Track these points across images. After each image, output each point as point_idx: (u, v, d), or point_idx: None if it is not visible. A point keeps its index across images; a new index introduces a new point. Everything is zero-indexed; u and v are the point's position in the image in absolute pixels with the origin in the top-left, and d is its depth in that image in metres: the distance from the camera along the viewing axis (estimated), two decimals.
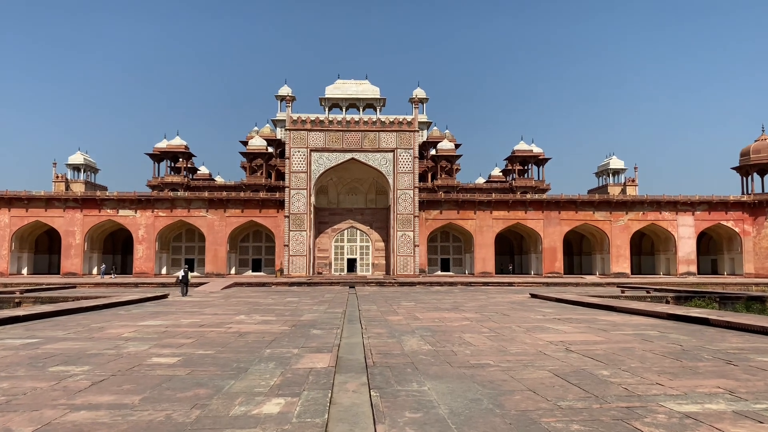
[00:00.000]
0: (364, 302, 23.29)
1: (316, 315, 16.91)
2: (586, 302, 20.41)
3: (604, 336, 11.76)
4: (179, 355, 9.31)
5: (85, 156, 73.21)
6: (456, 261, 60.79)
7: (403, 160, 53.21)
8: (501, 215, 56.14)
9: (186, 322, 14.54)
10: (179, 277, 30.14)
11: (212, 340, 11.09)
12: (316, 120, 53.52)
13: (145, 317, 15.99)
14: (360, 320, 15.50)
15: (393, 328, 13.37)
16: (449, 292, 32.27)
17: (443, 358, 9.08)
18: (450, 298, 25.63)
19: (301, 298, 25.75)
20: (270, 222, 55.61)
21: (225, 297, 26.84)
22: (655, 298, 25.85)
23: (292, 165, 53.31)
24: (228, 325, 13.85)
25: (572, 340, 11.19)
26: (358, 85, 59.28)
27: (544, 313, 17.54)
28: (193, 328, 13.32)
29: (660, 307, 17.42)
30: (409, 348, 10.15)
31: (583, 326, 13.62)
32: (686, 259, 56.74)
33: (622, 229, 56.75)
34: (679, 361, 8.66)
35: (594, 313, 17.43)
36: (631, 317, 15.86)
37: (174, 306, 20.61)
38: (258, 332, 12.52)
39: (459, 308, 19.67)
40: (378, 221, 57.18)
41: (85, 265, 55.34)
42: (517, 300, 24.30)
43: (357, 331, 13.29)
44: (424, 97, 73.97)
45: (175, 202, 55.40)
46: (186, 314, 17.06)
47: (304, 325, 13.92)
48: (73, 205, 54.87)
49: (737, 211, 57.04)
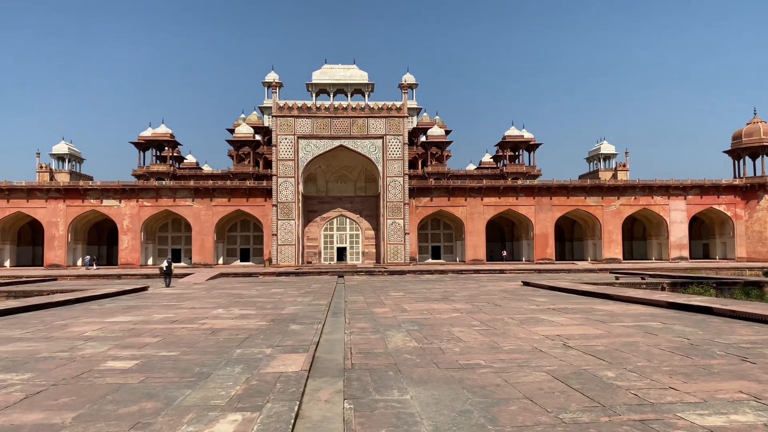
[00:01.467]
0: (352, 293, 22.46)
1: (299, 308, 16.04)
2: (581, 290, 19.67)
3: (604, 328, 10.96)
4: (138, 357, 8.41)
5: (69, 146, 71.61)
6: (447, 248, 60.04)
7: (392, 146, 52.25)
8: (492, 202, 55.38)
9: (158, 318, 13.63)
10: (162, 268, 29.58)
11: (180, 339, 10.19)
12: (303, 106, 52.38)
13: (117, 312, 15.06)
14: (345, 313, 14.66)
15: (378, 322, 12.52)
16: (440, 280, 31.49)
17: (430, 357, 8.24)
18: (440, 287, 24.84)
19: (287, 289, 24.87)
20: (258, 211, 54.55)
21: (208, 288, 25.92)
22: (651, 284, 25.14)
23: (279, 152, 52.23)
24: (202, 321, 12.95)
25: (569, 333, 10.38)
26: (346, 70, 58.07)
27: (538, 302, 16.76)
28: (164, 324, 12.41)
29: (658, 295, 16.68)
30: (393, 346, 9.29)
31: (579, 317, 12.83)
32: (678, 244, 56.26)
33: (614, 215, 56.16)
34: (689, 359, 7.85)
35: (590, 301, 16.67)
36: (629, 306, 15.09)
37: (151, 299, 19.68)
38: (233, 328, 11.63)
39: (449, 298, 18.86)
40: (368, 209, 56.28)
41: (69, 257, 54.11)
42: (509, 288, 23.53)
43: (340, 325, 12.44)
44: (413, 83, 72.88)
45: (161, 192, 54.19)
46: (161, 308, 16.14)
47: (284, 320, 13.05)
48: (56, 195, 53.55)
49: (729, 195, 56.56)
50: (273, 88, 56.15)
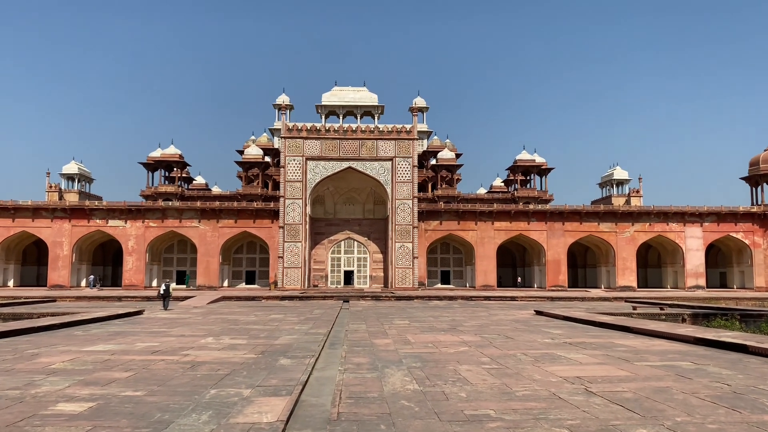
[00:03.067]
0: (354, 320, 21.33)
1: (295, 337, 14.93)
2: (598, 322, 18.43)
3: (629, 369, 9.77)
4: (96, 398, 7.34)
5: (79, 165, 71.39)
6: (456, 273, 58.72)
7: (401, 169, 51.40)
8: (503, 226, 54.18)
9: (139, 347, 12.58)
10: (161, 291, 29.67)
11: (153, 375, 9.13)
12: (312, 128, 51.80)
13: (99, 340, 14.03)
14: (343, 344, 13.55)
15: (378, 357, 11.40)
16: (448, 307, 30.27)
17: (431, 405, 7.11)
18: (448, 315, 23.65)
19: (287, 315, 23.77)
20: (264, 233, 53.68)
21: (205, 313, 24.88)
22: (671, 315, 23.81)
23: (287, 174, 51.53)
24: (185, 352, 11.88)
25: (591, 375, 9.20)
26: (356, 92, 57.49)
27: (553, 335, 15.54)
28: (143, 355, 11.36)
29: (683, 329, 15.42)
30: (390, 388, 8.17)
31: (600, 354, 11.63)
32: (695, 272, 54.63)
33: (628, 241, 54.73)
34: (737, 412, 6.68)
35: (609, 335, 15.44)
36: (652, 341, 13.86)
37: (141, 325, 18.65)
38: (216, 362, 10.56)
39: (457, 329, 17.68)
40: (376, 232, 55.26)
41: (73, 277, 53.34)
42: (521, 318, 22.30)
43: (335, 359, 11.34)
44: (424, 106, 72.38)
45: (167, 212, 53.52)
46: (148, 336, 15.10)
47: (274, 352, 11.96)
48: (61, 215, 53.00)
49: (747, 223, 55.04)
50: (283, 110, 55.75)
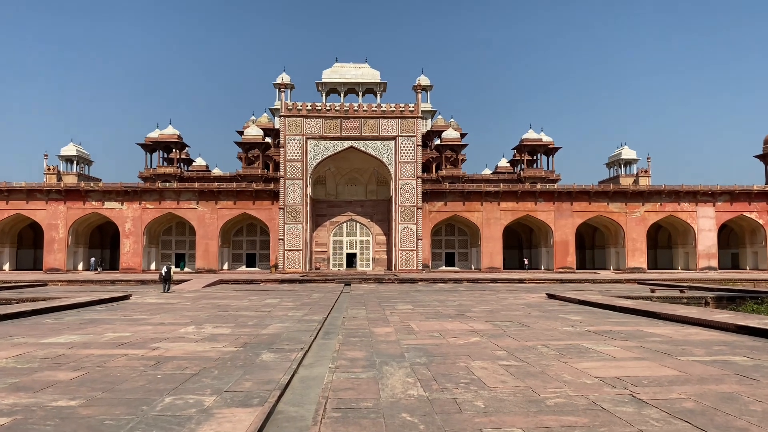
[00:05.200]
0: (354, 305, 19.85)
1: (286, 325, 13.44)
2: (619, 306, 16.86)
3: (675, 366, 8.20)
4: (16, 412, 5.82)
5: (78, 147, 70.00)
6: (461, 255, 57.21)
7: (405, 148, 49.67)
8: (509, 207, 52.53)
9: (106, 339, 11.08)
10: (161, 274, 29.63)
11: (105, 376, 7.62)
12: (312, 106, 50.04)
13: (67, 329, 12.56)
14: (339, 334, 12.05)
15: (376, 349, 9.89)
16: (454, 290, 28.77)
17: (439, 419, 5.58)
18: (454, 299, 22.14)
19: (283, 299, 22.30)
20: (264, 214, 52.18)
21: (197, 298, 23.44)
22: (692, 299, 22.24)
23: (287, 154, 49.88)
24: (156, 344, 10.38)
25: (632, 375, 7.64)
26: (358, 69, 55.62)
27: (572, 322, 14.00)
28: (105, 349, 9.86)
29: (719, 315, 13.85)
30: (388, 394, 6.62)
31: (633, 346, 10.08)
32: (707, 253, 53.00)
33: (639, 222, 53.06)
34: None
35: (635, 321, 13.89)
36: (687, 329, 12.31)
37: (123, 311, 17.19)
38: (187, 357, 9.05)
39: (465, 314, 16.16)
40: (379, 213, 53.70)
41: (69, 261, 52.04)
42: (533, 302, 20.77)
43: (327, 353, 9.83)
44: (428, 85, 70.42)
45: (164, 194, 52.00)
46: (124, 324, 13.63)
47: (258, 344, 10.45)
48: (56, 197, 51.53)
49: (761, 202, 53.26)
50: (283, 89, 53.90)
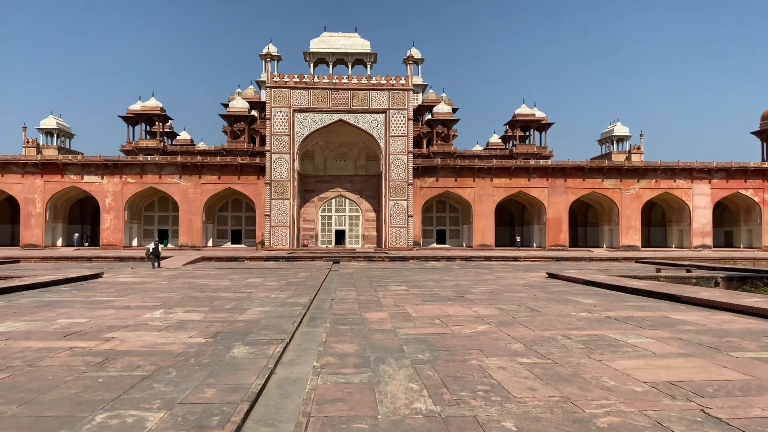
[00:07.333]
0: (344, 285, 18.42)
1: (267, 309, 11.98)
2: (630, 287, 15.56)
3: (734, 366, 6.80)
4: None
5: (58, 120, 67.42)
6: (453, 233, 55.94)
7: (395, 122, 47.93)
8: (502, 183, 51.19)
9: (55, 327, 9.54)
10: (149, 250, 28.81)
11: (33, 378, 6.13)
12: (299, 77, 48.02)
13: (15, 314, 11.02)
14: (326, 320, 10.60)
15: (370, 341, 8.46)
16: (447, 269, 27.44)
17: None
18: (450, 279, 20.78)
19: (267, 279, 20.82)
20: (250, 190, 50.43)
21: (174, 276, 21.89)
22: (701, 278, 21.06)
23: (274, 126, 47.96)
24: (111, 334, 8.88)
25: (686, 377, 6.23)
26: (347, 39, 53.49)
27: (586, 306, 12.65)
28: (48, 341, 8.34)
29: (749, 299, 12.55)
30: (389, 406, 5.19)
31: (668, 337, 8.71)
32: (701, 231, 52.13)
33: (633, 199, 51.96)
34: None
35: (655, 306, 12.57)
36: (718, 315, 11.00)
37: (88, 291, 15.63)
38: (143, 352, 7.56)
39: (465, 296, 14.78)
40: (369, 189, 52.13)
41: (48, 236, 50.15)
42: (534, 282, 19.45)
43: (313, 345, 8.40)
44: (419, 58, 68.48)
45: (145, 168, 50.02)
46: (83, 308, 12.09)
47: (232, 334, 8.99)
48: (33, 170, 49.41)
49: (757, 179, 52.30)
50: (270, 59, 51.74)
